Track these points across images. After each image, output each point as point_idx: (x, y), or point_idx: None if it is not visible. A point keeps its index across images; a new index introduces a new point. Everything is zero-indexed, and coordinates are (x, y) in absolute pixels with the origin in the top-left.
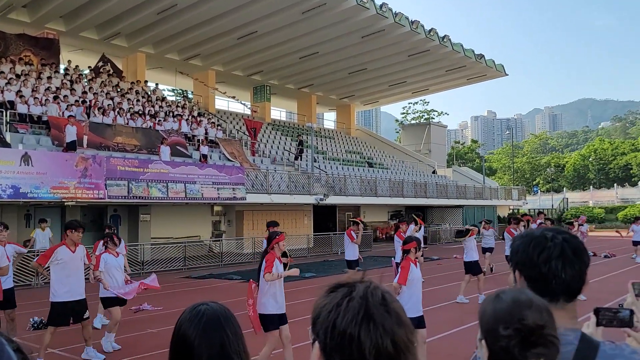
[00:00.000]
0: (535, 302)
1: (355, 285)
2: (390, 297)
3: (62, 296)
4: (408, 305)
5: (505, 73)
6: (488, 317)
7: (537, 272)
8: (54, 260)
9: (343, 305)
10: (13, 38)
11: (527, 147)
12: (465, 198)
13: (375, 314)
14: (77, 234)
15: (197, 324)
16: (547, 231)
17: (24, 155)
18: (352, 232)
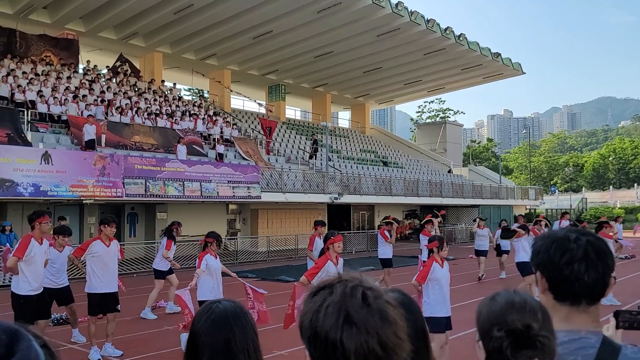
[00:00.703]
0: (530, 304)
1: (333, 286)
2: (373, 293)
3: (97, 288)
4: (434, 304)
5: (522, 72)
6: (483, 318)
7: (559, 274)
8: (89, 253)
9: (322, 311)
10: (34, 39)
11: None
12: (482, 197)
13: (356, 317)
14: (111, 228)
15: (205, 320)
16: (570, 232)
17: (44, 154)
18: (385, 231)
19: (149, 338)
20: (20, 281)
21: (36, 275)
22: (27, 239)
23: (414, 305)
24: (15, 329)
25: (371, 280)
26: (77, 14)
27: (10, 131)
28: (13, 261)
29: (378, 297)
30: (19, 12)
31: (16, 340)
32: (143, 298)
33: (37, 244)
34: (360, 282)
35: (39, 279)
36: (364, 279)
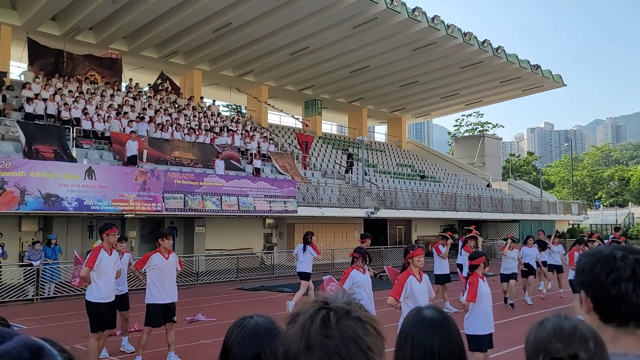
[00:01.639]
0: (580, 331)
1: (299, 314)
2: (337, 315)
3: (156, 299)
4: (477, 322)
5: (563, 83)
6: (530, 344)
7: (605, 294)
8: (150, 265)
9: (289, 339)
10: (80, 59)
11: (587, 159)
12: (522, 212)
13: (313, 342)
14: (168, 241)
15: (238, 334)
16: (617, 250)
17: (87, 170)
18: (439, 245)
19: (188, 351)
20: (92, 290)
21: (106, 284)
22: (97, 250)
23: (449, 324)
24: (38, 345)
25: (343, 298)
26: (121, 34)
27: (57, 147)
28: (85, 271)
29: (341, 317)
30: (67, 34)
31: (38, 357)
32: (181, 311)
33: (106, 254)
34: (327, 303)
35: (109, 288)
36: (334, 298)
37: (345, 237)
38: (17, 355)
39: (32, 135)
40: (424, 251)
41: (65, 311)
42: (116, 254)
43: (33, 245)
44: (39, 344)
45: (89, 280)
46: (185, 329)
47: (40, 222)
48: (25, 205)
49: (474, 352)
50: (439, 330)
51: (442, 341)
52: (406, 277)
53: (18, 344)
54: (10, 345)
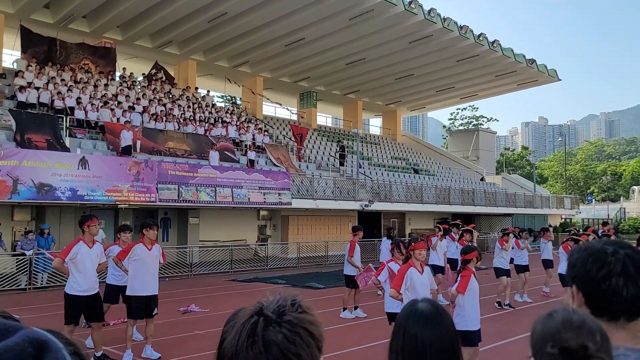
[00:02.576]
0: (588, 324)
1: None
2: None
3: (137, 290)
4: (468, 317)
5: (558, 78)
6: (537, 334)
7: (596, 288)
8: (132, 256)
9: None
10: (73, 47)
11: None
12: (515, 206)
13: (240, 352)
14: (153, 232)
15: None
16: (608, 245)
17: (81, 160)
18: (432, 237)
19: (181, 341)
20: (70, 281)
21: (85, 277)
22: (75, 242)
23: (443, 318)
24: (43, 340)
25: (278, 301)
26: (115, 23)
27: (50, 137)
28: (57, 262)
29: (269, 324)
30: (60, 22)
31: (43, 352)
32: (174, 302)
33: (85, 247)
34: (262, 309)
35: (88, 281)
36: (270, 303)
37: (339, 229)
38: (20, 351)
39: (25, 124)
40: (426, 244)
41: (58, 301)
42: (99, 246)
43: (26, 235)
44: (43, 338)
45: (64, 271)
46: (179, 320)
47: (33, 211)
48: (18, 195)
49: (466, 347)
50: (431, 323)
51: (433, 334)
52: (407, 269)
53: (21, 339)
54: (13, 341)
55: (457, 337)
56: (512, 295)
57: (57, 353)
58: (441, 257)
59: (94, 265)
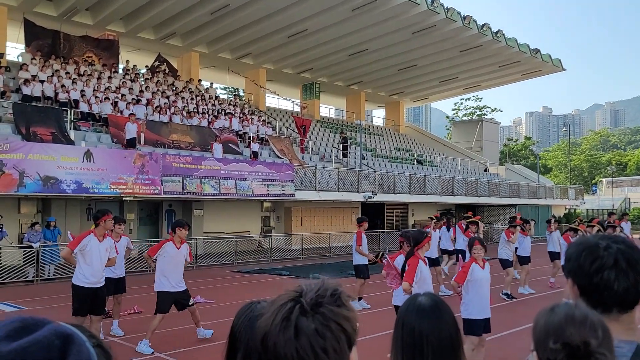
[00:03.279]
0: (591, 319)
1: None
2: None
3: (166, 287)
4: (472, 306)
5: (563, 68)
6: (540, 329)
7: (589, 281)
8: (162, 254)
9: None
10: (77, 40)
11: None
12: (519, 197)
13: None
14: (184, 231)
15: (244, 318)
16: (601, 239)
17: (86, 152)
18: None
19: (187, 332)
20: (77, 273)
21: (92, 269)
22: (85, 234)
23: (441, 312)
24: (68, 333)
25: (317, 290)
26: (118, 15)
27: (55, 130)
28: (65, 252)
29: (304, 313)
30: (63, 14)
31: (68, 345)
32: None
33: (96, 240)
34: (300, 295)
35: (96, 274)
36: (309, 289)
37: (342, 221)
38: (48, 344)
39: (30, 117)
40: (430, 239)
41: (64, 292)
42: (109, 241)
43: (32, 227)
44: (69, 332)
45: (72, 262)
46: (186, 311)
47: (39, 204)
48: (24, 188)
49: (468, 335)
50: (428, 317)
51: (431, 327)
52: (417, 262)
53: (48, 332)
54: (41, 334)
55: (457, 331)
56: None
57: (81, 346)
58: (434, 249)
59: (102, 259)
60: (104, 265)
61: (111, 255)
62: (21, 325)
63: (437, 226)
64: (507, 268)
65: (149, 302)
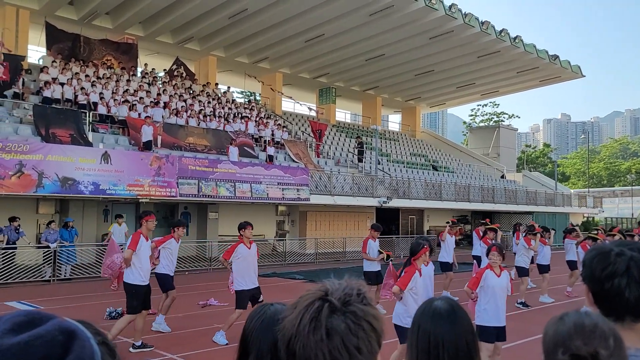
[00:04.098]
0: (600, 328)
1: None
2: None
3: (244, 285)
4: (484, 313)
5: (582, 74)
6: (549, 339)
7: (600, 288)
8: (235, 256)
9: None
10: (96, 43)
11: (605, 151)
12: (536, 204)
13: (301, 334)
14: (250, 231)
15: (257, 320)
16: (617, 246)
17: (104, 154)
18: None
19: (200, 334)
20: (132, 272)
21: (143, 267)
22: (137, 235)
23: (457, 317)
24: (72, 329)
25: (344, 289)
26: (137, 20)
27: (73, 132)
28: (128, 253)
29: (334, 311)
30: (84, 18)
31: (72, 340)
32: (194, 296)
33: (144, 239)
34: (326, 294)
35: (145, 272)
36: (336, 289)
37: (357, 225)
38: (51, 339)
39: (49, 119)
40: (429, 248)
41: (81, 292)
42: (150, 240)
43: (49, 225)
44: (73, 327)
45: (128, 263)
46: (199, 313)
47: (57, 205)
48: (43, 188)
49: (482, 342)
50: (444, 321)
51: (446, 331)
52: (413, 271)
53: (52, 328)
54: (44, 329)
55: (474, 336)
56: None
57: (84, 342)
58: (450, 253)
59: (148, 257)
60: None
61: (150, 254)
62: (26, 319)
63: (452, 231)
64: (522, 277)
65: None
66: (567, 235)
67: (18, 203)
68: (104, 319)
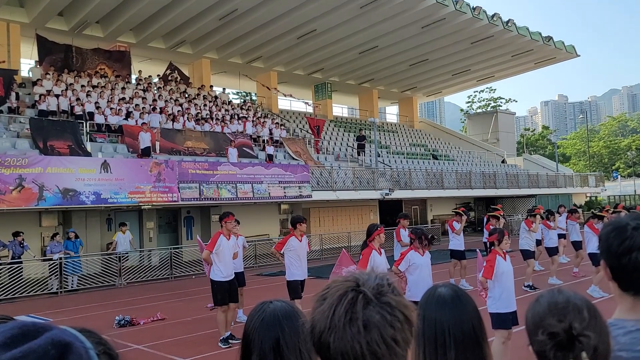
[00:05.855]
0: (573, 302)
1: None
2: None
3: (295, 276)
4: (499, 300)
5: (577, 54)
6: (529, 322)
7: (618, 262)
8: (287, 248)
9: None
10: (89, 53)
11: (604, 130)
12: (538, 187)
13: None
14: (304, 226)
15: (257, 320)
16: (633, 219)
17: (103, 163)
18: (454, 222)
19: (210, 337)
20: (214, 270)
21: (225, 265)
22: (217, 235)
23: (462, 302)
24: (67, 342)
25: (375, 280)
26: (128, 27)
27: (72, 143)
28: (206, 254)
29: (369, 302)
30: (74, 28)
31: (65, 354)
32: (202, 299)
33: (225, 239)
34: (358, 285)
35: (228, 269)
36: (366, 280)
37: (360, 219)
38: (44, 353)
39: (47, 131)
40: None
41: (88, 303)
42: (234, 238)
43: (53, 238)
44: (67, 340)
45: (209, 261)
46: (207, 316)
47: (60, 216)
48: (45, 201)
49: (498, 329)
50: (449, 307)
51: (452, 318)
52: (370, 252)
53: (45, 342)
54: (37, 343)
55: (480, 322)
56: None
57: (80, 355)
58: (462, 240)
59: (231, 255)
60: (232, 259)
61: (234, 251)
62: (20, 332)
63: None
64: (527, 259)
65: (171, 309)
66: (569, 216)
67: (21, 217)
68: (114, 327)
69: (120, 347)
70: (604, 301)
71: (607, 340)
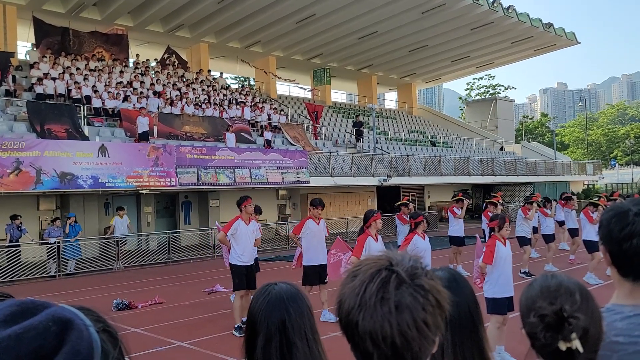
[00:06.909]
0: (565, 286)
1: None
2: (397, 280)
3: (311, 261)
4: (496, 285)
5: (577, 41)
6: (522, 305)
7: (618, 248)
8: (305, 231)
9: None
10: (86, 36)
11: (602, 118)
12: (536, 174)
13: (367, 305)
14: (318, 210)
15: (262, 302)
16: (634, 205)
17: (100, 147)
18: (454, 208)
19: (208, 321)
20: (232, 254)
21: (243, 249)
22: (235, 219)
23: (458, 284)
24: (68, 318)
25: (409, 261)
26: (125, 9)
27: (69, 126)
28: (221, 235)
29: (402, 282)
30: (71, 11)
31: (67, 330)
32: (200, 283)
33: (243, 224)
34: (391, 264)
35: (246, 253)
36: (400, 260)
37: (358, 205)
38: (44, 329)
39: (44, 115)
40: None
41: (86, 286)
42: (254, 224)
43: (52, 223)
44: (68, 316)
45: (227, 244)
46: (206, 300)
47: (58, 200)
48: (42, 185)
49: (493, 314)
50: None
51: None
52: (365, 238)
53: (45, 318)
54: (37, 319)
55: (477, 305)
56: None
57: (81, 332)
58: (462, 227)
59: (250, 240)
60: (252, 246)
61: (257, 236)
62: (19, 309)
63: (459, 205)
64: (524, 246)
65: (169, 293)
66: (565, 203)
67: (18, 201)
68: (112, 310)
69: (118, 330)
70: (600, 288)
71: (599, 323)
